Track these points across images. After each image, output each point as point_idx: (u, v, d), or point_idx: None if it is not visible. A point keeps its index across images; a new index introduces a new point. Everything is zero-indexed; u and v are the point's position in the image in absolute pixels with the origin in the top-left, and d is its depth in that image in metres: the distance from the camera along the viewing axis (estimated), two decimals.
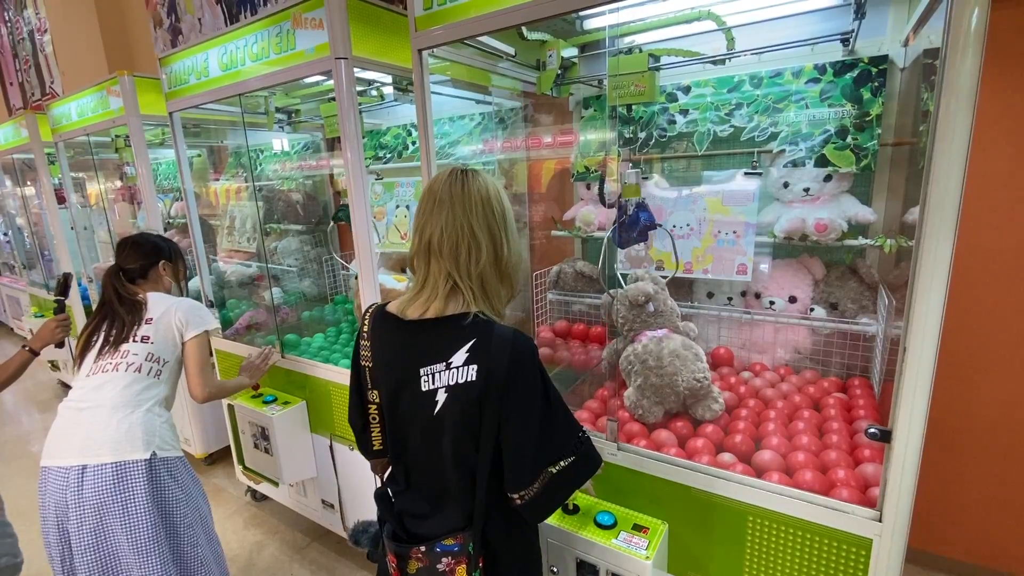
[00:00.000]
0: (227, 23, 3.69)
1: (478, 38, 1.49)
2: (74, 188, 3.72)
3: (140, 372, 1.58)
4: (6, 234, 5.72)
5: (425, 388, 0.94)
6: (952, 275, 0.94)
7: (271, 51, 1.90)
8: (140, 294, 1.69)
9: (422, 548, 0.99)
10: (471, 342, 0.93)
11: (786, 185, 1.69)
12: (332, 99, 2.20)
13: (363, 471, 2.09)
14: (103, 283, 1.69)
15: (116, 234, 3.66)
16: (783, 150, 1.68)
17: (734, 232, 1.70)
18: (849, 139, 1.58)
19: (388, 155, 2.70)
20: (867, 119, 1.56)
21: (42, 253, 4.88)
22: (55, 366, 4.43)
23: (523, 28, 1.46)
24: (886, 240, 1.50)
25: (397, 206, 2.32)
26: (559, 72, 1.85)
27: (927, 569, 2.04)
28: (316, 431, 2.30)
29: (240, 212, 3.07)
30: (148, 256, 1.75)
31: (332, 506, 2.32)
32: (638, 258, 1.88)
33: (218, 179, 3.45)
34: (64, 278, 1.97)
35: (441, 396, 0.93)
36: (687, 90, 1.87)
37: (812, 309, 1.71)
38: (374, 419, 1.10)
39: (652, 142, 1.96)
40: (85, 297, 3.86)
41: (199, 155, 3.57)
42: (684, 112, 1.89)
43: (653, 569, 1.22)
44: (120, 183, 3.59)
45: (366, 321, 1.06)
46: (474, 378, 0.91)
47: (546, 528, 1.33)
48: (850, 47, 1.55)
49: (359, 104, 1.81)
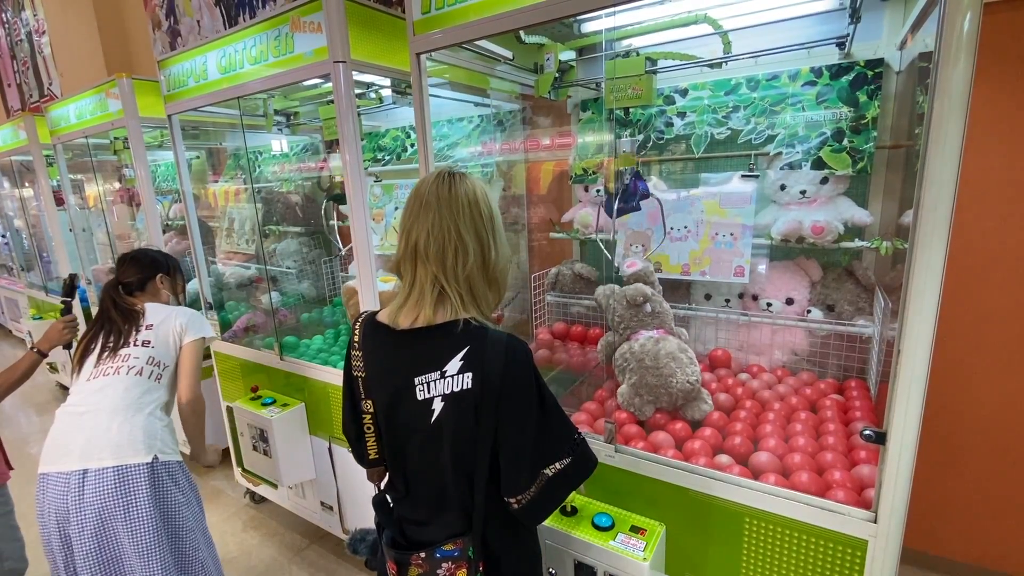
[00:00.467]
0: (226, 26, 3.69)
1: (476, 42, 1.50)
2: (72, 190, 3.72)
3: (141, 375, 1.59)
4: (4, 236, 5.71)
5: (421, 397, 0.94)
6: (946, 277, 0.95)
7: (270, 54, 1.91)
8: (138, 304, 1.71)
9: (422, 554, 0.98)
10: (465, 349, 0.92)
11: (783, 187, 1.70)
12: (331, 102, 2.20)
13: (362, 473, 2.06)
14: (101, 296, 1.72)
15: (115, 236, 3.65)
16: (780, 153, 1.69)
17: (731, 234, 1.71)
18: (845, 142, 1.59)
19: (387, 157, 2.70)
20: (863, 122, 1.57)
21: (40, 255, 4.88)
22: (53, 368, 4.42)
23: (520, 32, 1.47)
24: (882, 242, 1.51)
25: (396, 208, 2.32)
26: (557, 75, 1.86)
27: (924, 570, 2.04)
28: (315, 433, 2.30)
29: (239, 214, 3.07)
30: (145, 269, 1.78)
31: (331, 508, 2.32)
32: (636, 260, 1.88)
33: (217, 181, 3.44)
34: (71, 279, 1.98)
35: (438, 405, 0.93)
36: (684, 93, 1.88)
37: (809, 311, 1.72)
38: (369, 429, 1.09)
39: (650, 144, 1.97)
40: (84, 299, 3.85)
41: (198, 157, 3.57)
42: (682, 115, 1.90)
43: (650, 571, 1.23)
44: (119, 185, 3.59)
45: (356, 331, 1.05)
46: (470, 385, 0.91)
47: (544, 530, 1.33)
48: (846, 50, 1.56)
49: (358, 107, 1.81)
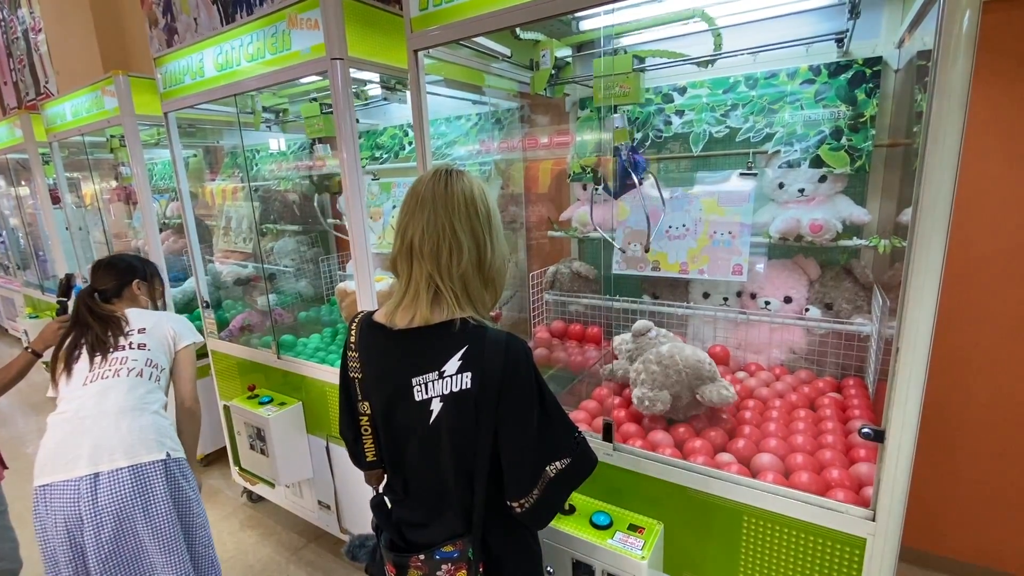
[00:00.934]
0: (223, 23, 3.68)
1: (474, 39, 1.49)
2: (69, 188, 3.70)
3: (142, 376, 1.57)
4: (0, 234, 5.69)
5: (418, 398, 0.93)
6: (944, 275, 0.95)
7: (267, 51, 1.90)
8: (117, 311, 1.66)
9: (421, 556, 0.97)
10: (463, 348, 0.91)
11: (781, 186, 1.69)
12: (313, 99, 2.18)
13: (359, 472, 2.08)
14: (75, 304, 1.65)
15: (111, 234, 3.64)
16: (778, 151, 1.69)
17: (730, 233, 1.70)
18: (844, 140, 1.59)
19: (385, 155, 2.69)
20: (861, 120, 1.57)
21: (36, 253, 4.86)
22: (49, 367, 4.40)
23: (517, 28, 1.47)
24: (880, 241, 1.51)
25: (394, 206, 2.31)
26: (553, 72, 1.86)
27: (924, 568, 2.05)
28: (312, 432, 2.29)
29: (236, 212, 3.06)
30: (122, 276, 1.73)
31: (328, 507, 2.31)
32: (634, 259, 1.88)
33: (214, 179, 3.43)
34: (66, 279, 1.96)
35: (436, 405, 0.92)
36: (683, 91, 1.88)
37: (807, 309, 1.71)
38: (366, 430, 1.07)
39: (648, 143, 1.96)
40: None
41: (195, 155, 3.56)
42: (680, 113, 1.89)
43: (649, 569, 1.23)
44: (115, 183, 3.57)
45: (353, 331, 1.04)
46: (469, 385, 0.90)
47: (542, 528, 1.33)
48: (844, 48, 1.56)
49: (355, 104, 1.81)
